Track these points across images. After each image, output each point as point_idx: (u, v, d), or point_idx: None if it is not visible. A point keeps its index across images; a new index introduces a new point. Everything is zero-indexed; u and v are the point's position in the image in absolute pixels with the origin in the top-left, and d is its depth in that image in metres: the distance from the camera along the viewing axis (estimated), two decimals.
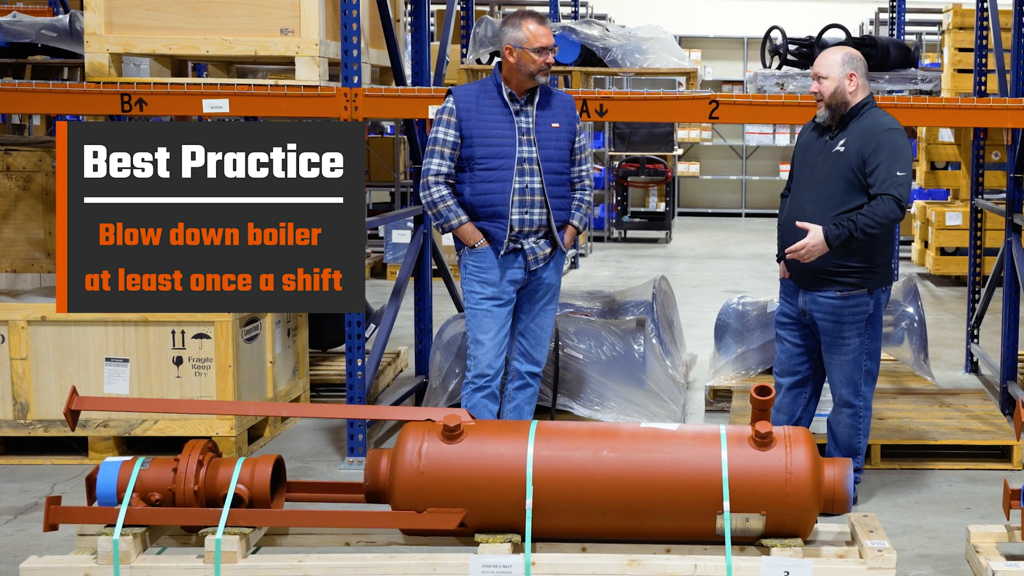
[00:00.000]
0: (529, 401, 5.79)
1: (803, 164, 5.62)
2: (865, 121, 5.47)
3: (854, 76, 5.49)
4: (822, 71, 5.49)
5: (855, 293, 5.48)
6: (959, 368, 8.64)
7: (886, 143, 5.37)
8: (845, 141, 5.45)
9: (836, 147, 5.47)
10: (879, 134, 5.39)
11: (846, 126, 5.50)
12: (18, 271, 7.20)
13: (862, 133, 5.43)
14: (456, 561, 4.34)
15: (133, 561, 4.34)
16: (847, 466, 4.54)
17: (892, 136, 5.40)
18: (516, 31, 5.50)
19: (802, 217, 5.45)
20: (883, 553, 4.34)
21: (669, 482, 4.38)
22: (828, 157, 5.48)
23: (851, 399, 5.61)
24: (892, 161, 5.34)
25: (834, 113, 5.51)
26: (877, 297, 5.54)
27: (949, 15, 12.04)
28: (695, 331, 9.52)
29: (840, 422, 5.66)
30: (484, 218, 5.53)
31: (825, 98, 5.48)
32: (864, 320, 5.52)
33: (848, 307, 5.49)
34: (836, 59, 5.50)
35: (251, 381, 6.49)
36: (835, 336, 5.52)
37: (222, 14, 6.06)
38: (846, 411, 5.63)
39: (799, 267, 5.52)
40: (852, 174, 5.39)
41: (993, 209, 7.69)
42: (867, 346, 5.58)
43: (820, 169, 5.48)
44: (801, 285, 5.58)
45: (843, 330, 5.50)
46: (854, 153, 5.40)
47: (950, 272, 12.69)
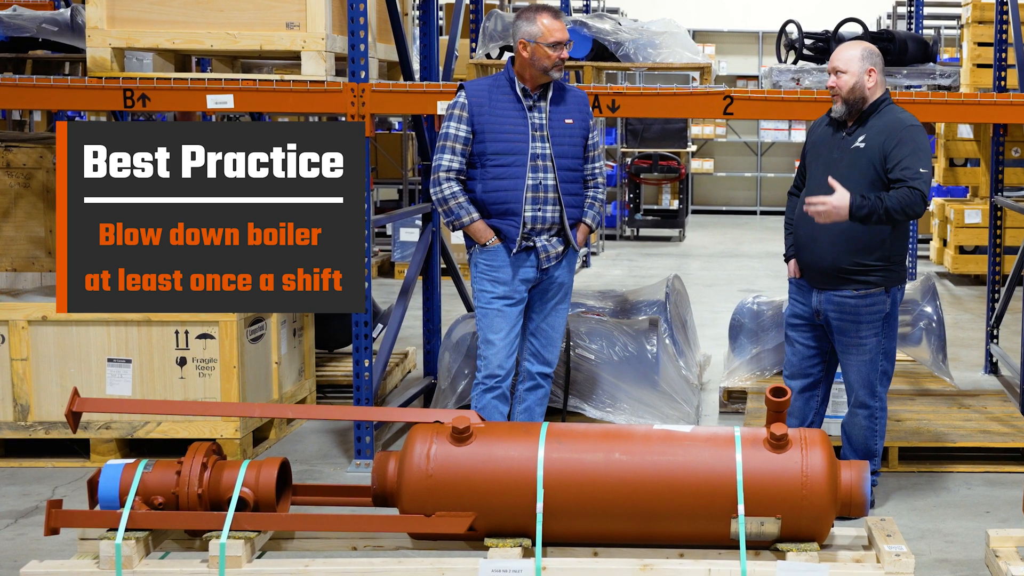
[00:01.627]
0: (540, 403, 5.75)
1: (818, 161, 5.54)
2: (885, 117, 5.43)
3: (873, 71, 5.44)
4: (840, 65, 5.43)
5: (872, 292, 5.42)
6: (978, 369, 8.58)
7: (908, 139, 5.34)
8: (865, 137, 5.41)
9: (855, 143, 5.41)
10: (901, 130, 5.36)
11: (865, 122, 5.44)
12: (18, 270, 7.17)
13: (883, 129, 5.38)
14: (465, 566, 4.29)
15: (136, 566, 4.30)
16: (864, 469, 4.49)
17: (914, 132, 5.37)
18: (530, 25, 5.45)
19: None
20: (901, 558, 4.28)
21: (683, 485, 4.32)
22: (846, 153, 5.42)
23: (867, 400, 5.54)
24: (915, 157, 5.31)
25: (851, 109, 5.45)
26: (893, 296, 5.50)
27: (968, 9, 11.92)
28: (709, 331, 9.48)
29: (856, 424, 5.60)
30: (496, 215, 5.48)
31: (843, 93, 5.42)
32: (881, 319, 5.47)
33: (865, 306, 5.41)
34: (855, 54, 5.44)
35: (256, 382, 6.44)
36: (852, 336, 5.45)
37: (227, 8, 6.04)
38: (862, 412, 5.57)
39: (812, 265, 5.46)
40: (873, 170, 5.34)
41: (1013, 207, 7.65)
42: (884, 346, 5.53)
43: (838, 165, 5.41)
44: (815, 284, 5.51)
45: (860, 329, 5.43)
46: (876, 149, 5.35)
47: (969, 271, 12.64)
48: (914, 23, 11.35)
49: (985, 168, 11.87)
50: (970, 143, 12.53)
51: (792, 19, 7.60)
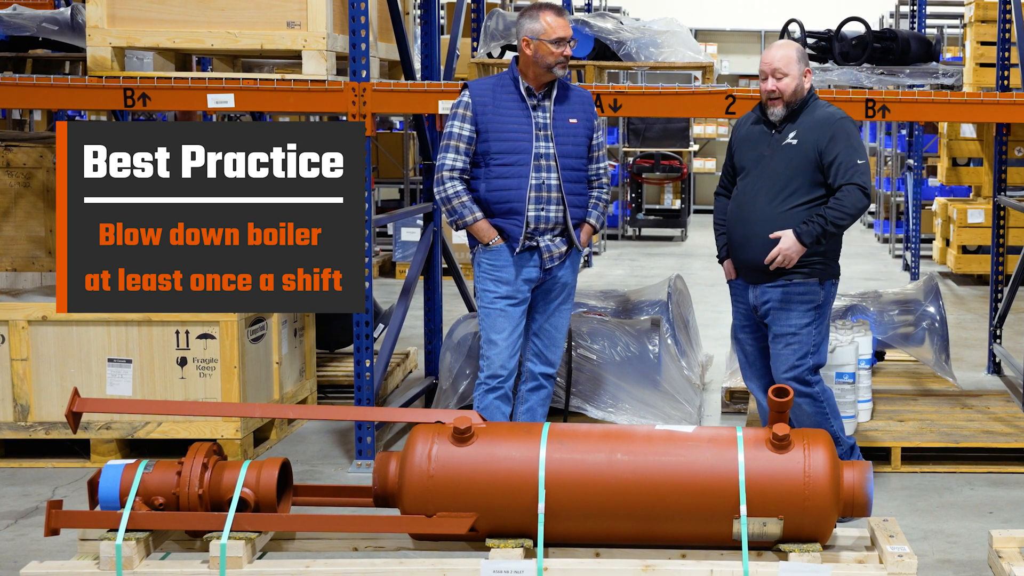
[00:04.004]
0: (542, 403, 5.73)
1: (748, 159, 5.55)
2: (815, 112, 5.47)
3: (809, 72, 5.50)
4: (781, 67, 5.43)
5: (805, 281, 5.43)
6: (981, 369, 8.56)
7: (841, 134, 5.38)
8: (796, 133, 5.44)
9: (786, 140, 5.45)
10: (833, 124, 5.40)
11: (795, 119, 5.47)
12: (19, 270, 7.16)
13: (815, 125, 5.42)
14: (467, 566, 4.28)
15: (136, 566, 4.29)
16: (867, 469, 4.47)
17: (845, 125, 5.42)
18: (533, 23, 5.44)
19: (755, 213, 5.42)
20: (903, 558, 4.27)
21: (685, 486, 4.31)
22: (778, 150, 5.44)
23: (801, 388, 5.48)
24: (850, 150, 5.35)
25: (789, 110, 5.48)
26: (827, 288, 5.51)
27: (971, 8, 11.89)
28: (711, 331, 9.46)
29: (803, 414, 5.54)
30: (499, 215, 5.47)
31: (786, 96, 5.44)
32: (813, 308, 5.45)
33: (798, 293, 5.43)
34: (792, 55, 5.47)
35: (257, 382, 6.42)
36: (783, 324, 5.44)
37: (227, 7, 6.02)
38: (802, 401, 5.51)
39: (747, 263, 5.48)
40: (808, 166, 5.37)
41: (1016, 206, 7.62)
42: (814, 338, 5.48)
43: (770, 163, 5.45)
44: (750, 280, 5.53)
45: (791, 316, 5.43)
46: (810, 145, 5.38)
47: (972, 271, 12.62)
48: (917, 22, 11.33)
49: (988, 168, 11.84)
50: (973, 142, 12.51)
51: (794, 18, 7.59)
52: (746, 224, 5.44)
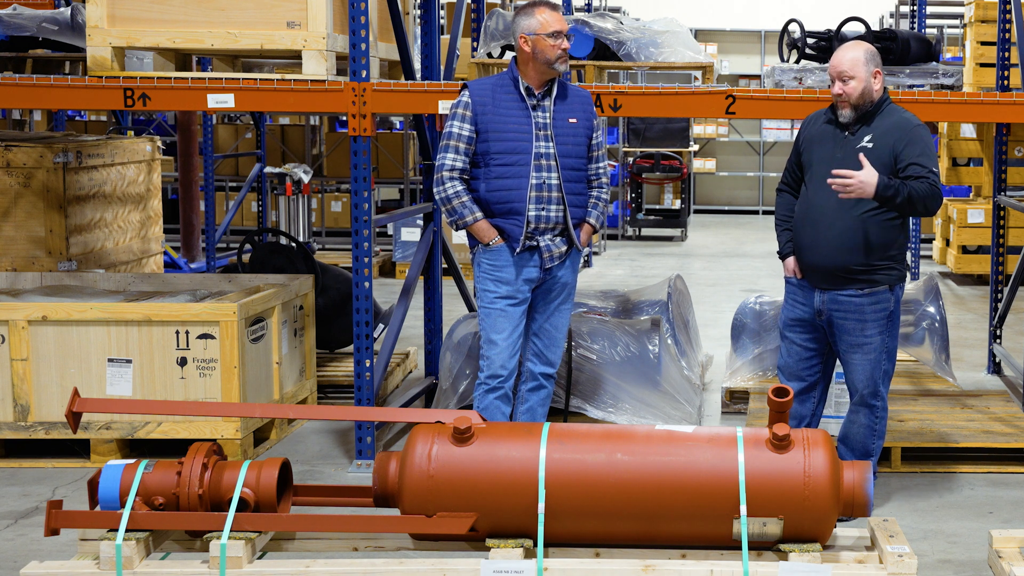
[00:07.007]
0: (542, 403, 5.73)
1: (819, 159, 5.47)
2: (892, 117, 5.40)
3: (879, 73, 5.39)
4: (847, 70, 5.33)
5: (877, 290, 5.39)
6: (981, 369, 8.57)
7: (918, 140, 5.33)
8: (872, 137, 5.36)
9: (861, 143, 5.37)
10: (910, 130, 5.34)
11: (870, 122, 5.39)
12: (19, 270, 7.15)
13: (892, 129, 5.35)
14: (467, 567, 4.27)
15: (136, 567, 4.28)
16: (866, 469, 4.47)
17: (923, 132, 5.37)
18: (528, 19, 5.45)
19: (826, 217, 5.36)
20: (903, 558, 4.27)
21: (685, 486, 4.31)
22: (852, 153, 5.35)
23: (871, 400, 5.51)
24: (927, 157, 5.32)
25: (859, 112, 5.39)
26: (897, 293, 5.48)
27: (971, 8, 11.90)
28: (711, 331, 9.46)
29: (857, 423, 5.56)
30: (499, 215, 5.46)
31: (853, 99, 5.35)
32: (886, 317, 5.44)
33: (871, 304, 5.39)
34: (860, 57, 5.36)
35: (257, 382, 6.42)
36: (857, 335, 5.41)
37: (227, 7, 6.02)
38: (864, 412, 5.53)
39: (816, 267, 5.43)
40: (883, 171, 5.27)
41: (1016, 206, 7.62)
42: (887, 344, 5.49)
43: (843, 165, 5.33)
44: (818, 285, 5.46)
45: (866, 328, 5.40)
46: (886, 150, 5.32)
47: (972, 271, 12.62)
48: (917, 22, 11.33)
49: (988, 167, 11.86)
50: (973, 142, 12.52)
51: (795, 18, 7.58)
52: (816, 227, 5.38)
